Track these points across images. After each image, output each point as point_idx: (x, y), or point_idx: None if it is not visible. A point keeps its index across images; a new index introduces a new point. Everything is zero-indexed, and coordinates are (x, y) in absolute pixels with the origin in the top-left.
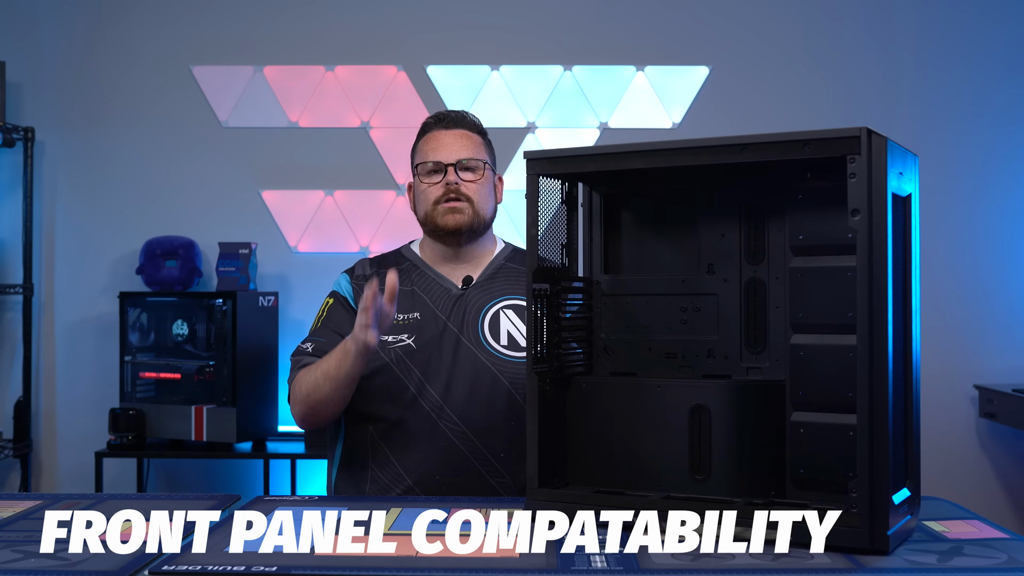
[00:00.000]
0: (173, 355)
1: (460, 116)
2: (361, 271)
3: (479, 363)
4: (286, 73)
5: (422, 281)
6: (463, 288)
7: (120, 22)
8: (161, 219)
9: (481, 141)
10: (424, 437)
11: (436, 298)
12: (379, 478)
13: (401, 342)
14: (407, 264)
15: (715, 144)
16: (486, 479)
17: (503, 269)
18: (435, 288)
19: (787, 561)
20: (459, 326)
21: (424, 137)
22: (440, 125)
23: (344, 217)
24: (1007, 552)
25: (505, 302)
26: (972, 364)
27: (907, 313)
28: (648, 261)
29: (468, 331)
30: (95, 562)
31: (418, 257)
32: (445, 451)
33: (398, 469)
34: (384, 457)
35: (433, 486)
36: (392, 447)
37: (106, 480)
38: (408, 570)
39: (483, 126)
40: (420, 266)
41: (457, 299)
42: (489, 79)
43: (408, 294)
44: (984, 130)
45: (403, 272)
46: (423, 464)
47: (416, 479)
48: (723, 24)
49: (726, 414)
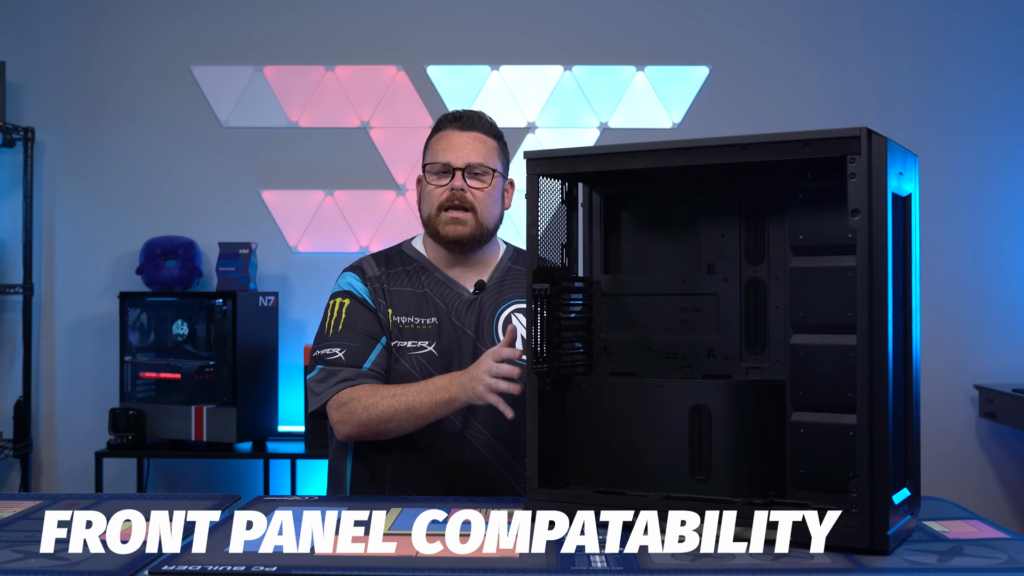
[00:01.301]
0: (173, 355)
1: (476, 117)
2: (372, 272)
3: None
4: (286, 73)
5: (432, 284)
6: (476, 293)
7: (120, 22)
8: (161, 219)
9: (495, 145)
10: (451, 446)
11: (450, 303)
12: (400, 487)
13: (422, 349)
14: (414, 265)
15: (715, 144)
16: (511, 484)
17: (510, 272)
18: (448, 293)
19: (787, 561)
20: (476, 331)
21: (437, 135)
22: (454, 125)
23: (344, 217)
24: (1007, 552)
25: (516, 305)
26: (972, 364)
27: (907, 313)
28: (648, 261)
29: (485, 336)
30: (95, 562)
31: (424, 258)
32: (471, 460)
33: (423, 478)
34: (405, 465)
35: (462, 492)
36: (415, 456)
37: (106, 480)
38: (408, 570)
39: (499, 129)
40: (430, 268)
41: (471, 304)
42: (489, 79)
43: (422, 297)
44: (984, 130)
45: (412, 273)
46: (450, 473)
47: (445, 488)
48: (723, 24)
49: (726, 414)
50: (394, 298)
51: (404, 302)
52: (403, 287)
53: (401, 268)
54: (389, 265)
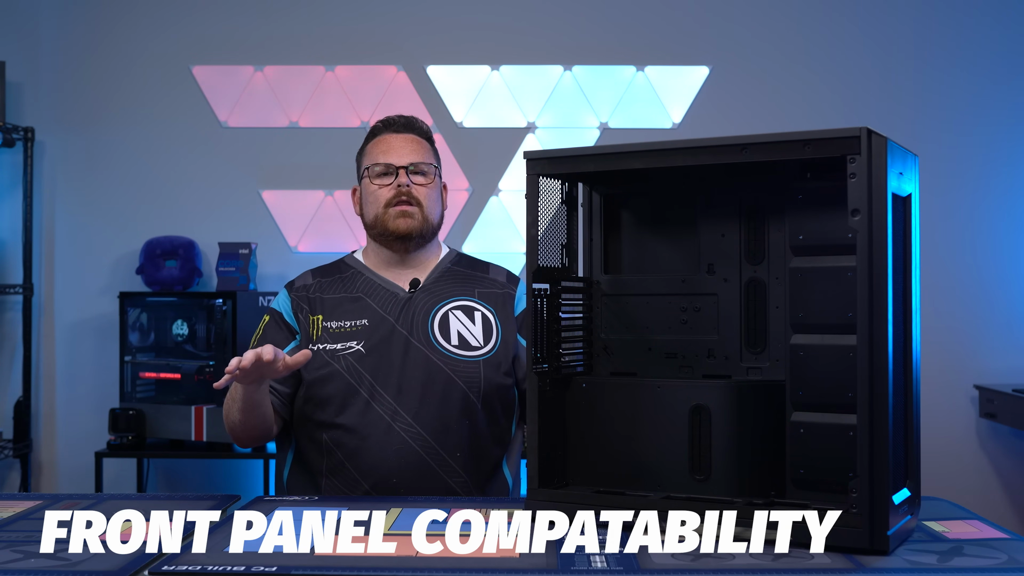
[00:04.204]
0: (173, 355)
1: (409, 121)
2: (302, 282)
3: (431, 364)
4: (286, 73)
5: (367, 287)
6: (411, 291)
7: (120, 22)
8: (161, 219)
9: (430, 148)
10: (379, 440)
11: (383, 302)
12: (335, 485)
13: (350, 349)
14: (351, 272)
15: (715, 144)
16: (443, 479)
17: (449, 272)
18: (381, 292)
19: (787, 561)
20: (408, 328)
21: (373, 140)
22: (390, 129)
23: (344, 217)
24: (1007, 552)
25: (454, 303)
26: (972, 364)
27: (907, 313)
28: (648, 261)
29: (418, 333)
30: (95, 562)
31: (362, 264)
32: (400, 453)
33: (354, 474)
34: (338, 463)
35: (390, 488)
36: (347, 453)
37: (106, 480)
38: (408, 570)
39: (431, 132)
40: (365, 272)
41: (405, 302)
42: (489, 79)
43: (353, 300)
44: (984, 130)
45: (347, 280)
46: (379, 468)
47: (373, 483)
48: (723, 24)
49: (726, 414)
50: (325, 304)
51: (335, 308)
52: (336, 293)
53: (337, 276)
54: (324, 275)
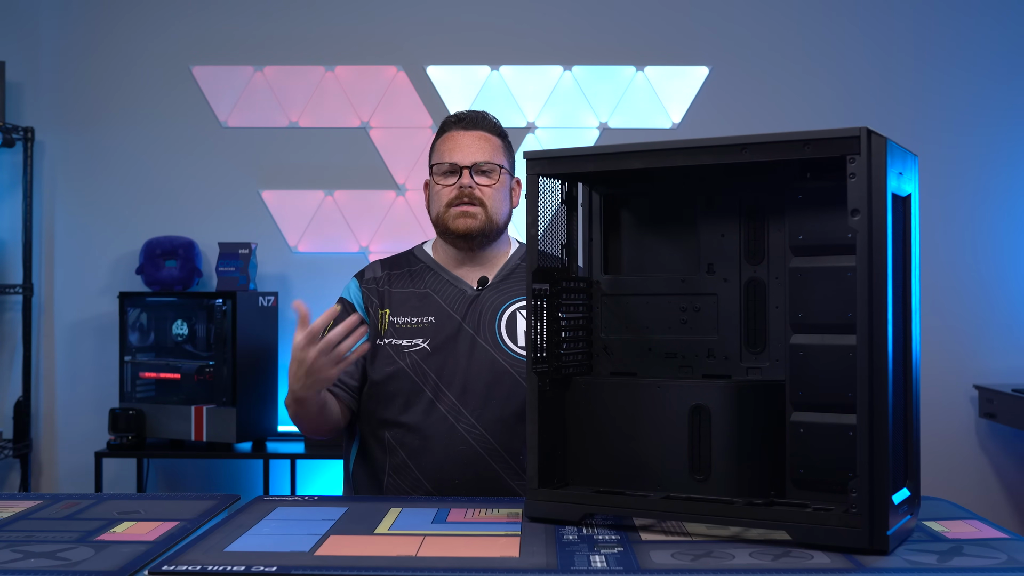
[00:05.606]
0: (173, 355)
1: (480, 117)
2: (372, 274)
3: (497, 364)
4: (286, 73)
5: (435, 283)
6: (478, 289)
7: (120, 22)
8: (161, 219)
9: (500, 144)
10: (442, 441)
11: (450, 300)
12: (398, 484)
13: (416, 346)
14: (420, 266)
15: (715, 144)
16: (505, 481)
17: (518, 269)
18: (449, 290)
19: (787, 561)
20: (475, 327)
21: (442, 136)
22: (459, 125)
23: (344, 217)
24: (1007, 552)
25: (522, 302)
26: (972, 364)
27: (907, 313)
28: (648, 261)
29: (484, 332)
30: (95, 562)
31: (431, 259)
32: (463, 454)
33: (416, 474)
34: (401, 462)
35: (452, 489)
36: (409, 452)
37: (106, 480)
38: (408, 570)
39: (503, 128)
40: (434, 268)
41: (472, 300)
42: (489, 79)
43: (421, 296)
44: (984, 130)
45: (416, 274)
46: (442, 468)
47: (435, 484)
48: (723, 24)
49: (726, 414)
50: (393, 299)
51: (403, 302)
52: (404, 288)
53: (407, 269)
54: (394, 267)
